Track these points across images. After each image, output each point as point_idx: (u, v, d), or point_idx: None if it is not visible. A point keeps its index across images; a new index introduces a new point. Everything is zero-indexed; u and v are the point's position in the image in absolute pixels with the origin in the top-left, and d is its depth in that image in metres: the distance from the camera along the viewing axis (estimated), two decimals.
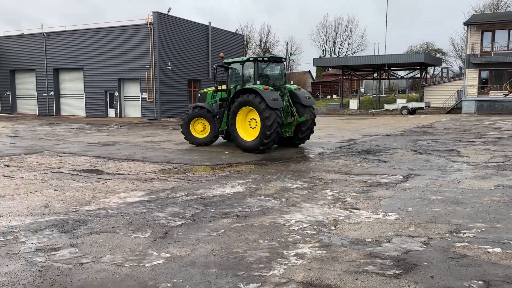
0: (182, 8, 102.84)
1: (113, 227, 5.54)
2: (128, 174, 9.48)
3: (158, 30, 29.92)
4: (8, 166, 10.57)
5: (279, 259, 4.41)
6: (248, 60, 13.03)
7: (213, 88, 14.31)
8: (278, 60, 13.38)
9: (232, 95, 12.92)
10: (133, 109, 32.34)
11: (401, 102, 36.66)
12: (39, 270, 4.12)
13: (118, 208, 6.49)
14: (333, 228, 5.46)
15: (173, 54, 31.24)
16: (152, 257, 4.46)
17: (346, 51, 66.07)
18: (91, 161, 11.40)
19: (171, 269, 4.14)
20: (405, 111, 34.11)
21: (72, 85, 34.64)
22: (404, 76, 46.40)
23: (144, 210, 6.35)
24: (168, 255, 4.51)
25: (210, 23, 34.49)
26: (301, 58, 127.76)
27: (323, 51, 67.51)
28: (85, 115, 33.60)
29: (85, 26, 33.42)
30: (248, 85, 12.64)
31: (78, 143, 15.49)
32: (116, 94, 32.45)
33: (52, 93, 34.96)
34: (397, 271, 4.04)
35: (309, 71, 65.11)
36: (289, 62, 67.01)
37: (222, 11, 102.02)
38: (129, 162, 11.21)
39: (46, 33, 34.45)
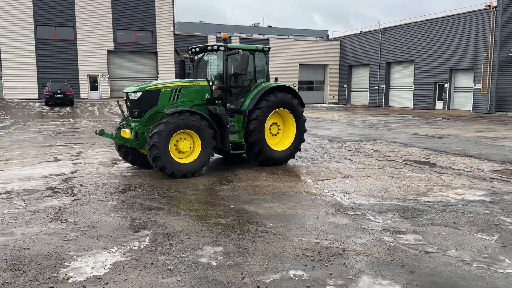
0: None
1: (454, 222, 5.38)
2: (463, 170, 8.96)
3: (502, 13, 26.46)
4: (348, 150, 12.04)
5: None
6: (262, 50, 9.67)
7: (160, 84, 8.87)
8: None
9: (258, 92, 9.19)
10: (463, 102, 30.22)
11: None
12: (387, 249, 4.50)
13: (456, 204, 6.25)
14: None
15: None
16: (504, 264, 4.05)
17: None
18: (422, 152, 11.45)
19: None
20: None
21: (402, 77, 35.71)
22: None
23: (487, 211, 5.84)
24: None
25: None
26: None
27: None
28: (411, 107, 34.01)
29: (419, 18, 33.56)
30: (262, 81, 9.65)
31: (407, 134, 15.87)
32: (446, 85, 31.14)
33: (383, 85, 37.15)
34: None
35: None
36: None
37: None
38: (462, 157, 10.58)
39: (382, 29, 36.80)
